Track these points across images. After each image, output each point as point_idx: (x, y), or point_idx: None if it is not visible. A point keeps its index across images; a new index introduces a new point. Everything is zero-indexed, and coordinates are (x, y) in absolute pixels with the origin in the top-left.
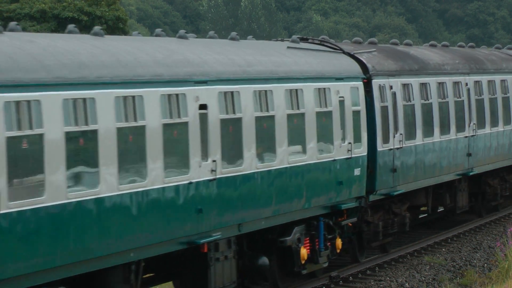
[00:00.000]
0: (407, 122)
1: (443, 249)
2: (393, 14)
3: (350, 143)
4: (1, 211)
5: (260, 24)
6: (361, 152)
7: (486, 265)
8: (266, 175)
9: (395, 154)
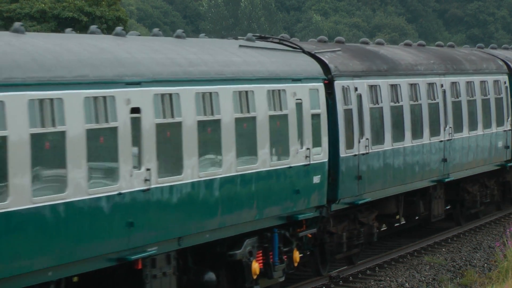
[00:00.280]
0: (375, 126)
1: (443, 249)
2: (393, 14)
3: (308, 148)
4: None
5: (260, 24)
6: (321, 158)
7: (486, 265)
8: (210, 184)
9: (361, 160)
